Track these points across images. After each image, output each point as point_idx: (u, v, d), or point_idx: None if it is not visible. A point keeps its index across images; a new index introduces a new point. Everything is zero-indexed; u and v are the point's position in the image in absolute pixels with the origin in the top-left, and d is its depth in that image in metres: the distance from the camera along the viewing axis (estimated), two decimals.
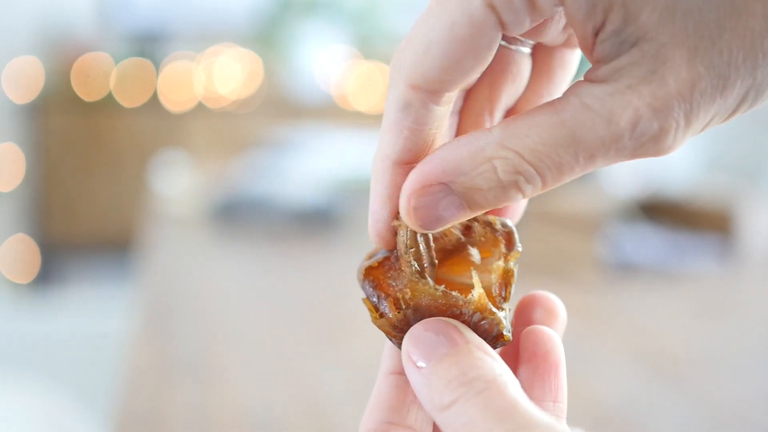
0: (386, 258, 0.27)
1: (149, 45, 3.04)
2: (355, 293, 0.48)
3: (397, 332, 0.25)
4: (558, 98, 0.23)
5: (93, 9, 3.12)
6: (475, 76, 0.24)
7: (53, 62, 2.93)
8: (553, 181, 0.23)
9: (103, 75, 2.91)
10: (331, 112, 2.97)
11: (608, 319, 0.85)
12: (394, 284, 0.26)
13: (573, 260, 0.96)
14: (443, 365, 0.23)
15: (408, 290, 0.25)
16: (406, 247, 0.26)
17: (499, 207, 0.24)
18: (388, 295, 0.25)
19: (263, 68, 3.12)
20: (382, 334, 0.26)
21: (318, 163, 1.56)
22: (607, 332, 0.80)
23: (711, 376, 0.69)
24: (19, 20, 2.98)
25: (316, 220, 1.23)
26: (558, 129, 0.22)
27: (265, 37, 3.09)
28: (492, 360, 0.23)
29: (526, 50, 0.28)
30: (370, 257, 0.27)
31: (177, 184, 1.42)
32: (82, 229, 2.88)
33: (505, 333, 0.25)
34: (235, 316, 0.85)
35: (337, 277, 0.99)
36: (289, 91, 3.06)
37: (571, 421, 0.26)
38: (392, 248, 0.27)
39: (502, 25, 0.22)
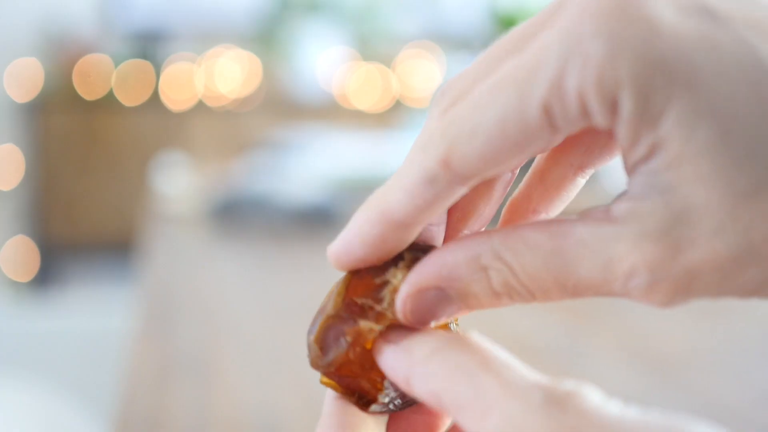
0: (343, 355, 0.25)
1: (150, 45, 3.04)
2: None
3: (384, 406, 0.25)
4: (565, 222, 0.22)
5: (94, 9, 3.12)
6: (515, 166, 0.23)
7: (53, 62, 2.93)
8: (542, 299, 0.23)
9: (104, 75, 2.91)
10: (331, 112, 2.97)
11: (606, 319, 0.85)
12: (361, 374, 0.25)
13: None
14: (421, 335, 0.23)
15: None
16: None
17: (495, 307, 0.24)
18: (364, 390, 0.25)
19: (263, 68, 3.12)
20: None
21: (318, 163, 1.56)
22: (605, 332, 0.80)
23: (710, 375, 0.69)
24: (19, 20, 2.98)
25: (316, 220, 1.23)
26: (553, 258, 0.22)
27: (265, 37, 3.09)
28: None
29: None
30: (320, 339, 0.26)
31: (177, 183, 1.42)
32: (82, 228, 2.88)
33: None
34: (236, 316, 0.85)
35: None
36: (289, 91, 3.06)
37: None
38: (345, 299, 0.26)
39: (554, 129, 0.21)
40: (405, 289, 0.24)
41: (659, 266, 0.21)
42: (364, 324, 0.25)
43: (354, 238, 0.25)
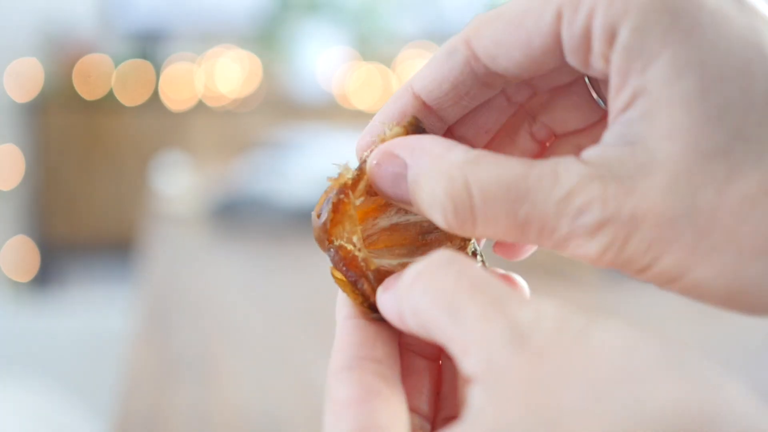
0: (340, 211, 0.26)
1: (150, 45, 3.04)
2: None
3: (375, 309, 0.25)
4: (544, 157, 0.23)
5: (94, 9, 3.12)
6: (521, 72, 0.24)
7: (53, 62, 2.93)
8: (481, 232, 0.23)
9: (104, 75, 2.91)
10: (331, 112, 2.97)
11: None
12: (363, 264, 0.26)
13: (573, 260, 0.97)
14: (412, 270, 0.23)
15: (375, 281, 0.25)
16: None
17: (423, 216, 0.25)
18: (362, 276, 0.25)
19: (263, 68, 3.12)
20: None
21: (318, 163, 1.56)
22: None
23: None
24: (19, 20, 2.98)
25: None
26: (519, 180, 0.22)
27: (265, 37, 3.09)
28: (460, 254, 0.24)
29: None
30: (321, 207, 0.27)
31: (177, 183, 1.42)
32: (82, 228, 2.88)
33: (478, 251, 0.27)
34: (236, 316, 0.85)
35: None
36: (289, 91, 3.06)
37: None
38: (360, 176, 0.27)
39: (560, 39, 0.23)
40: (386, 144, 0.25)
41: (611, 205, 0.21)
42: (344, 171, 0.26)
43: (379, 115, 0.27)
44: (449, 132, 0.28)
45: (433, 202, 0.23)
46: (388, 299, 0.24)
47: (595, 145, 0.23)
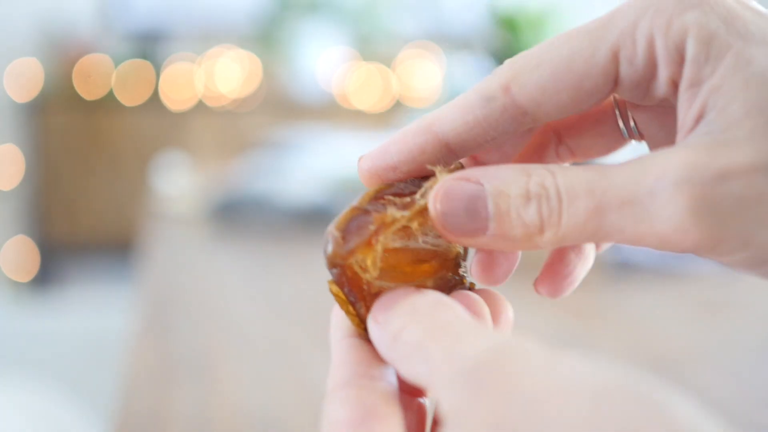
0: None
1: (150, 45, 3.04)
2: None
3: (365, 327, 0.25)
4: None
5: (94, 9, 3.12)
6: (562, 114, 0.24)
7: (53, 62, 2.93)
8: (565, 218, 0.23)
9: (104, 75, 2.91)
10: (331, 112, 2.97)
11: (607, 318, 0.85)
12: (366, 288, 0.25)
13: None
14: (397, 307, 0.23)
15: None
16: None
17: (521, 234, 0.24)
18: (362, 299, 0.25)
19: (263, 68, 3.12)
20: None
21: (318, 163, 1.56)
22: (606, 331, 0.80)
23: (710, 375, 0.69)
24: (19, 20, 2.99)
25: (316, 220, 1.23)
26: (595, 168, 0.23)
27: (265, 37, 3.09)
28: (441, 295, 0.24)
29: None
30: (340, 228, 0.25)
31: (177, 183, 1.42)
32: (82, 228, 2.88)
33: (466, 279, 0.26)
34: (236, 316, 0.85)
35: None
36: (289, 91, 3.06)
37: None
38: (373, 198, 0.26)
39: (617, 80, 0.23)
40: (446, 180, 0.24)
41: (693, 165, 0.21)
42: (391, 210, 0.24)
43: (392, 145, 0.26)
44: (472, 159, 0.29)
45: (524, 196, 0.23)
46: (375, 332, 0.24)
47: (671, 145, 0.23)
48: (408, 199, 0.25)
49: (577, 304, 0.87)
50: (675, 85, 0.23)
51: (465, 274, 0.27)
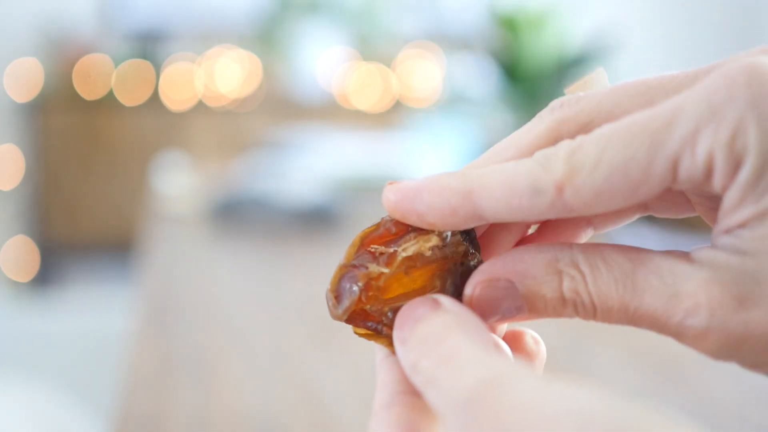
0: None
1: (150, 45, 3.05)
2: None
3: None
4: (645, 250, 0.24)
5: (94, 9, 3.12)
6: (607, 212, 0.25)
7: (53, 62, 2.93)
8: (601, 317, 0.24)
9: (104, 75, 2.91)
10: (331, 112, 2.97)
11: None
12: (380, 316, 0.25)
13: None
14: (412, 338, 0.23)
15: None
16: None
17: (558, 317, 0.25)
18: (380, 322, 0.25)
19: (263, 68, 3.12)
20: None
21: (318, 163, 1.56)
22: (606, 331, 0.80)
23: (710, 375, 0.69)
24: (19, 20, 2.99)
25: (316, 220, 1.23)
26: (625, 278, 0.23)
27: (265, 37, 3.09)
28: (453, 310, 0.23)
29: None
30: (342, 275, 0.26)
31: (177, 183, 1.42)
32: (82, 228, 2.88)
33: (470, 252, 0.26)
34: (236, 316, 0.85)
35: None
36: (289, 91, 3.06)
37: None
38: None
39: (674, 181, 0.23)
40: (477, 276, 0.25)
41: (720, 312, 0.22)
42: (374, 267, 0.25)
43: (425, 194, 0.25)
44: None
45: (559, 299, 0.24)
46: (402, 361, 0.24)
47: (706, 246, 0.23)
48: (392, 250, 0.25)
49: None
50: (725, 189, 0.23)
51: (476, 252, 0.26)
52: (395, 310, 0.25)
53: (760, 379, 0.70)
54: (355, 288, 0.25)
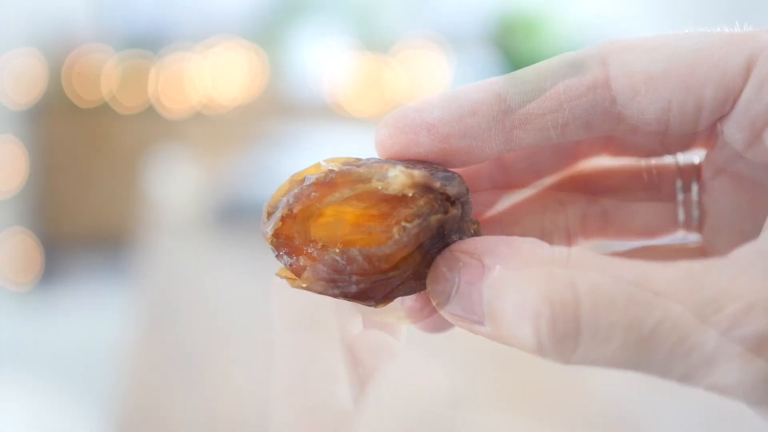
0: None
1: (149, 45, 3.05)
2: None
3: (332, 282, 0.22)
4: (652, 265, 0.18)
5: (93, 10, 3.12)
6: (653, 123, 0.20)
7: (52, 64, 2.93)
8: (573, 345, 0.18)
9: (102, 77, 2.91)
10: (331, 112, 2.97)
11: None
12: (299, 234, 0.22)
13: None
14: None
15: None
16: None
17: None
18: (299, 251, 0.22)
19: (264, 68, 3.12)
20: None
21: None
22: None
23: None
24: (18, 21, 2.99)
25: None
26: (643, 280, 0.17)
27: (266, 37, 3.09)
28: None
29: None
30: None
31: (176, 186, 1.42)
32: (83, 230, 2.88)
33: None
34: (235, 318, 0.85)
35: None
36: (290, 91, 3.06)
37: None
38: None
39: (734, 104, 0.18)
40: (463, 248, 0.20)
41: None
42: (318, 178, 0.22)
43: (436, 99, 0.20)
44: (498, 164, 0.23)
45: (521, 311, 0.17)
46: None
47: (744, 242, 0.18)
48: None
49: None
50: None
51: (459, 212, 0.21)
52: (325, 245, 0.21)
53: None
54: (287, 198, 0.22)
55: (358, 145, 1.80)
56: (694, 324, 0.17)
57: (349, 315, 0.23)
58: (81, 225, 2.89)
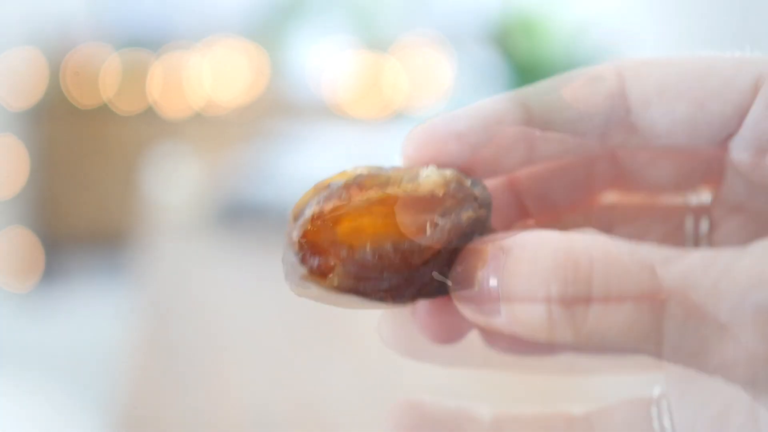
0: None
1: (149, 45, 3.05)
2: None
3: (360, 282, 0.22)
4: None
5: (92, 10, 3.12)
6: (666, 135, 0.20)
7: (51, 64, 2.93)
8: (584, 309, 0.17)
9: (101, 77, 2.91)
10: (332, 113, 2.97)
11: None
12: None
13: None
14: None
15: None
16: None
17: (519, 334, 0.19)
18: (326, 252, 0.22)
19: (264, 68, 3.12)
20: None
21: (318, 163, 1.56)
22: None
23: None
24: (17, 22, 2.99)
25: None
26: (656, 251, 0.18)
27: (266, 36, 3.09)
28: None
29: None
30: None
31: (177, 186, 1.42)
32: (84, 230, 2.88)
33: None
34: (235, 319, 0.85)
35: None
36: (290, 90, 3.06)
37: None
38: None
39: (742, 119, 0.19)
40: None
41: None
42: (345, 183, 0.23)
43: (462, 110, 0.21)
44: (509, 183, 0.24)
45: (533, 279, 0.17)
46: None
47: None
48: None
49: None
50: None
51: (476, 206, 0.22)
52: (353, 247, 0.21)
53: None
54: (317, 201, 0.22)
55: (358, 145, 1.80)
56: (709, 292, 0.17)
57: None
58: (81, 225, 2.89)
